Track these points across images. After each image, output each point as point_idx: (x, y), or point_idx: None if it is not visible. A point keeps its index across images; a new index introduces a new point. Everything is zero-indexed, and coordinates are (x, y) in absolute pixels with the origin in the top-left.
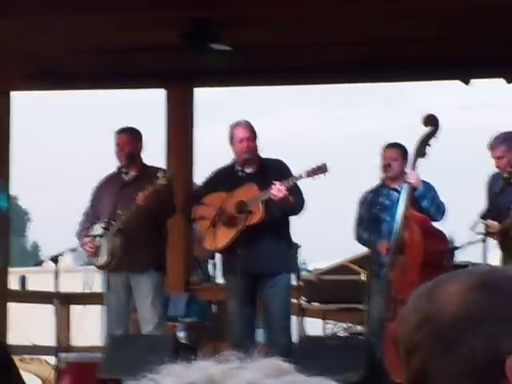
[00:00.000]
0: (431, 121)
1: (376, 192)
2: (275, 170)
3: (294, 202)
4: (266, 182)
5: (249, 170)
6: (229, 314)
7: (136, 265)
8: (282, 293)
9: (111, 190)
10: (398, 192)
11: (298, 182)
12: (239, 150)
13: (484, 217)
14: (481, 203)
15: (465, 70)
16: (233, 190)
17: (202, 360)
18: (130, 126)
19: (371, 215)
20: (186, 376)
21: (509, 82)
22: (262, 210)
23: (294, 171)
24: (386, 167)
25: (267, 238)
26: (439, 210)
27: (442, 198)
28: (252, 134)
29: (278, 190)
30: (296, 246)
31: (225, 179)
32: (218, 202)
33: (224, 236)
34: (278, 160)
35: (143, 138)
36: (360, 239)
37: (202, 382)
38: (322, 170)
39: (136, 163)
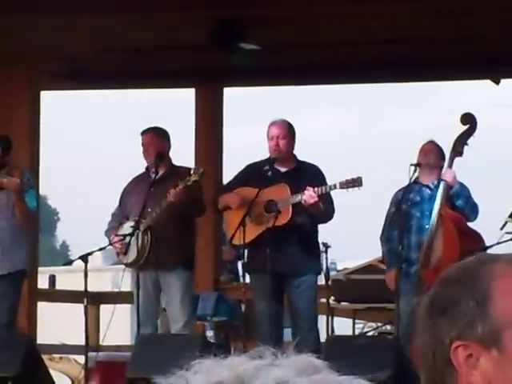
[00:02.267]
0: (468, 119)
1: (407, 189)
2: (310, 174)
3: (324, 210)
4: (298, 184)
5: (283, 170)
6: (256, 312)
7: (165, 263)
8: (307, 293)
9: (140, 190)
10: (430, 189)
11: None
12: (270, 148)
13: None
14: (511, 203)
15: (495, 69)
16: (263, 186)
17: (234, 356)
18: (155, 125)
19: (401, 211)
20: (216, 374)
21: None
22: (291, 212)
23: (329, 179)
24: (423, 162)
25: (293, 240)
26: (473, 210)
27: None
28: (285, 133)
29: (310, 196)
30: (326, 246)
31: (257, 175)
32: (248, 197)
33: (250, 232)
34: (314, 165)
35: (170, 138)
36: (381, 245)
37: (230, 380)
38: (356, 183)
39: (164, 163)
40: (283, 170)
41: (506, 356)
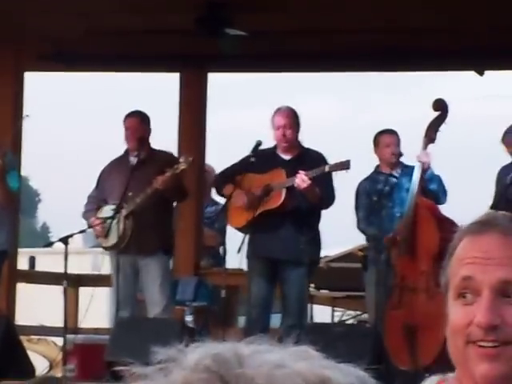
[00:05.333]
0: (439, 106)
1: (372, 179)
2: (312, 161)
3: (320, 194)
4: (301, 170)
5: (287, 157)
6: (248, 297)
7: (146, 247)
8: (299, 281)
9: (118, 173)
10: (395, 177)
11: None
12: (276, 138)
13: (494, 208)
14: (490, 195)
15: (479, 60)
16: (263, 172)
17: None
18: (137, 110)
19: (371, 202)
20: (214, 348)
21: None
22: (284, 196)
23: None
24: (398, 154)
25: (288, 225)
26: (445, 194)
27: (452, 189)
28: (290, 122)
29: (301, 179)
30: None
31: (263, 161)
32: (248, 183)
33: (244, 216)
34: (318, 153)
35: (150, 122)
36: (364, 232)
37: (228, 354)
38: (344, 166)
39: (144, 147)
40: (287, 157)
41: (448, 307)
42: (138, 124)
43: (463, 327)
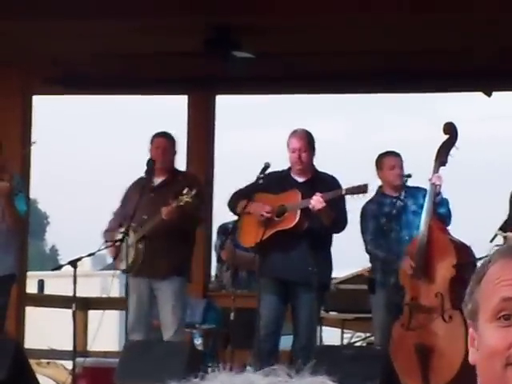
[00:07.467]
0: (448, 129)
1: (378, 202)
2: (326, 184)
3: (334, 218)
4: (314, 193)
5: (301, 179)
6: (257, 316)
7: (158, 272)
8: (309, 303)
9: (140, 193)
10: (401, 200)
11: (346, 202)
12: (291, 160)
13: (503, 229)
14: (501, 215)
15: (488, 82)
16: (278, 193)
17: (248, 372)
18: (165, 131)
19: (379, 226)
20: (229, 381)
21: None
22: (299, 217)
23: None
24: (404, 176)
25: (301, 247)
26: (450, 218)
27: (462, 209)
28: (306, 145)
29: (317, 201)
30: None
31: (277, 182)
32: (263, 202)
33: (257, 235)
34: (332, 176)
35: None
36: (373, 254)
37: None
38: (361, 189)
39: (167, 168)
40: (301, 180)
41: (479, 336)
42: (170, 144)
43: (503, 349)
